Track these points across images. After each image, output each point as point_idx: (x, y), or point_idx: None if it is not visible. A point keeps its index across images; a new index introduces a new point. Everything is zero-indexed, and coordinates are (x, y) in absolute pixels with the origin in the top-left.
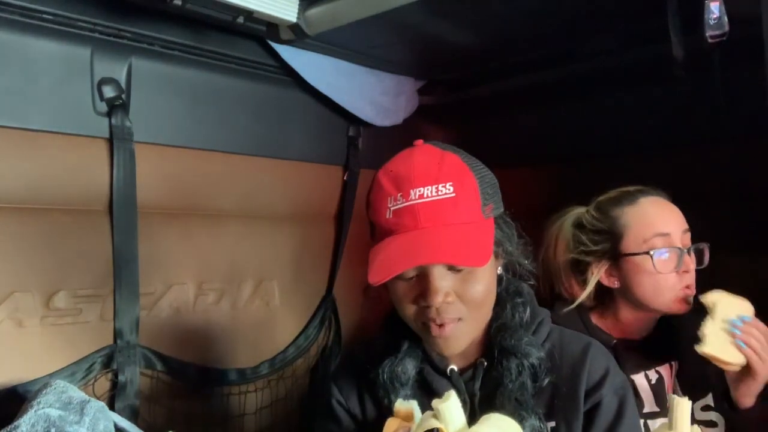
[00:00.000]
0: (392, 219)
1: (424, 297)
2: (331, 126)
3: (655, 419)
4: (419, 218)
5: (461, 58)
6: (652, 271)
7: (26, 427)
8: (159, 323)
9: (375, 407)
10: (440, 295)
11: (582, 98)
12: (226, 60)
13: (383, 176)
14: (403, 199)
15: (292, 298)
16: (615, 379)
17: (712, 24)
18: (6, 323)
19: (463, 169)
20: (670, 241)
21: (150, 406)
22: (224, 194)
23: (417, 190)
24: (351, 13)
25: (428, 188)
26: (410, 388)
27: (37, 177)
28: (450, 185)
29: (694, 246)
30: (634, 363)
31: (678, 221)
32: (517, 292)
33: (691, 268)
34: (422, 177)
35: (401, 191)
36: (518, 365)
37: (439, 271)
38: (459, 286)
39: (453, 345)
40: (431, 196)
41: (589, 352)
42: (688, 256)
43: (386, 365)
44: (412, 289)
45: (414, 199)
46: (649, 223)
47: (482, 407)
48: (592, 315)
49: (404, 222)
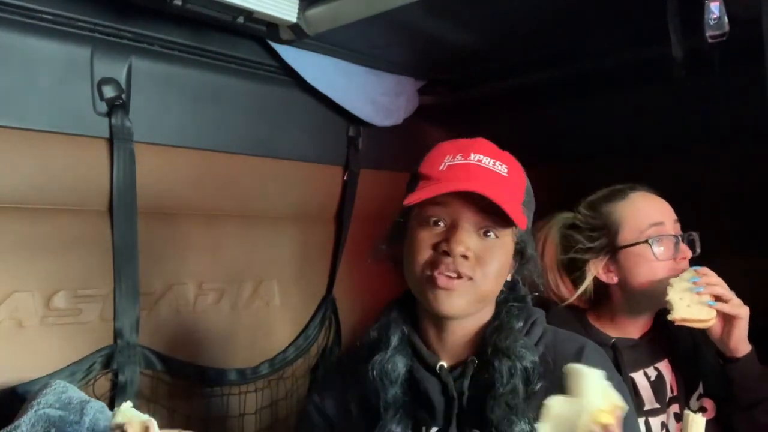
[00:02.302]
0: (445, 171)
1: (447, 242)
2: (331, 126)
3: (657, 416)
4: (471, 174)
5: (461, 58)
6: (652, 260)
7: (26, 427)
8: (159, 323)
9: (362, 405)
10: (463, 245)
11: (582, 98)
12: (226, 60)
13: (446, 143)
14: (462, 158)
15: (292, 299)
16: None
17: (712, 24)
18: (6, 323)
19: (517, 165)
20: (665, 229)
21: (150, 406)
22: (224, 194)
23: (477, 155)
24: (351, 13)
25: (487, 158)
26: (399, 386)
27: (37, 177)
28: (506, 167)
29: (686, 234)
30: (632, 361)
31: (668, 211)
32: (514, 297)
33: (687, 255)
34: (484, 148)
35: (462, 152)
36: (510, 367)
37: (469, 227)
38: (481, 249)
39: (454, 303)
40: (488, 165)
41: (583, 353)
42: (683, 243)
43: (376, 362)
44: (436, 237)
45: (472, 160)
46: (644, 214)
47: (470, 407)
48: (589, 316)
49: (457, 175)
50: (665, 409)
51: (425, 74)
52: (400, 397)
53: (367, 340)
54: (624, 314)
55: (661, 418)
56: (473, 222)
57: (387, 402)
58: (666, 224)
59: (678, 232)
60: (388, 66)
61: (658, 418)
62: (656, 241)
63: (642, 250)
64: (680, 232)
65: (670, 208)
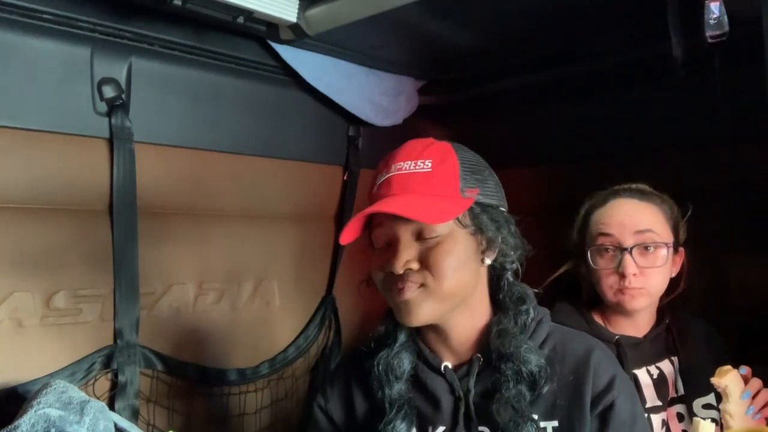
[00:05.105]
0: (375, 191)
1: (389, 262)
2: (331, 126)
3: (658, 413)
4: (392, 186)
5: (461, 58)
6: (594, 267)
7: (26, 427)
8: (159, 323)
9: (367, 402)
10: (401, 261)
11: (582, 98)
12: (226, 60)
13: (382, 159)
14: (386, 172)
15: (292, 298)
16: (624, 381)
17: (712, 24)
18: (6, 323)
19: (448, 152)
20: (612, 240)
21: (150, 406)
22: (224, 194)
23: (397, 164)
24: (351, 13)
25: (407, 163)
26: (405, 383)
27: (37, 177)
28: (429, 162)
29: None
30: (635, 358)
31: (630, 222)
32: (521, 298)
33: (628, 271)
34: (406, 154)
35: (386, 167)
36: (516, 372)
37: (406, 239)
38: (424, 253)
39: (414, 312)
40: (408, 169)
41: (593, 354)
42: (629, 256)
43: (382, 356)
44: (382, 258)
45: (393, 172)
46: (598, 223)
47: (477, 405)
48: (594, 313)
49: (381, 192)
50: (666, 407)
51: (425, 74)
52: (405, 393)
53: (375, 335)
54: (611, 312)
55: (662, 415)
56: (407, 231)
57: (392, 398)
58: (616, 236)
59: (638, 243)
60: (388, 66)
61: (659, 416)
62: (596, 251)
63: (590, 256)
64: (645, 242)
65: (635, 218)
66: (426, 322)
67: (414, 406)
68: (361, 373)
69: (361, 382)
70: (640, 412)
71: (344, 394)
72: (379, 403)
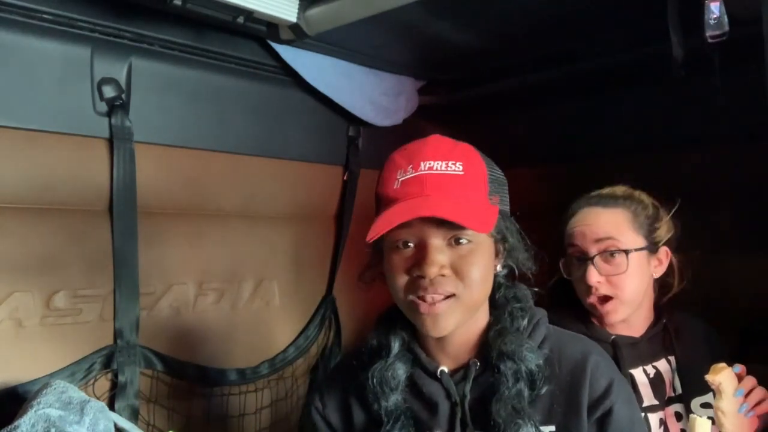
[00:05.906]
0: (399, 188)
1: (419, 266)
2: (331, 126)
3: (655, 412)
4: (425, 186)
5: (461, 58)
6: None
7: (26, 427)
8: (159, 323)
9: (364, 413)
10: (436, 266)
11: (582, 98)
12: (226, 60)
13: (396, 153)
14: (413, 170)
15: (292, 298)
16: (622, 386)
17: (712, 24)
18: (6, 323)
19: (475, 156)
20: (576, 251)
21: (150, 406)
22: (224, 194)
23: (427, 162)
24: (351, 13)
25: (438, 162)
26: (400, 393)
27: (37, 177)
28: (460, 164)
29: (603, 252)
30: (632, 358)
31: (590, 231)
32: (516, 298)
33: (592, 281)
34: (434, 152)
35: (412, 163)
36: (516, 371)
37: (438, 243)
38: (456, 261)
39: (442, 324)
40: (440, 170)
41: (590, 358)
42: (592, 265)
43: (376, 369)
44: (408, 260)
45: (423, 170)
46: (567, 234)
47: (473, 410)
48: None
49: (410, 190)
50: (663, 407)
51: (425, 74)
52: (401, 403)
53: (367, 348)
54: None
55: (660, 414)
56: (440, 235)
57: (388, 410)
58: (581, 246)
59: (600, 251)
60: (388, 66)
61: (656, 415)
62: (567, 262)
63: (562, 267)
64: (608, 249)
65: (594, 227)
66: (451, 332)
67: (411, 415)
68: (357, 384)
69: (357, 394)
70: (638, 417)
71: (341, 404)
72: (376, 415)
